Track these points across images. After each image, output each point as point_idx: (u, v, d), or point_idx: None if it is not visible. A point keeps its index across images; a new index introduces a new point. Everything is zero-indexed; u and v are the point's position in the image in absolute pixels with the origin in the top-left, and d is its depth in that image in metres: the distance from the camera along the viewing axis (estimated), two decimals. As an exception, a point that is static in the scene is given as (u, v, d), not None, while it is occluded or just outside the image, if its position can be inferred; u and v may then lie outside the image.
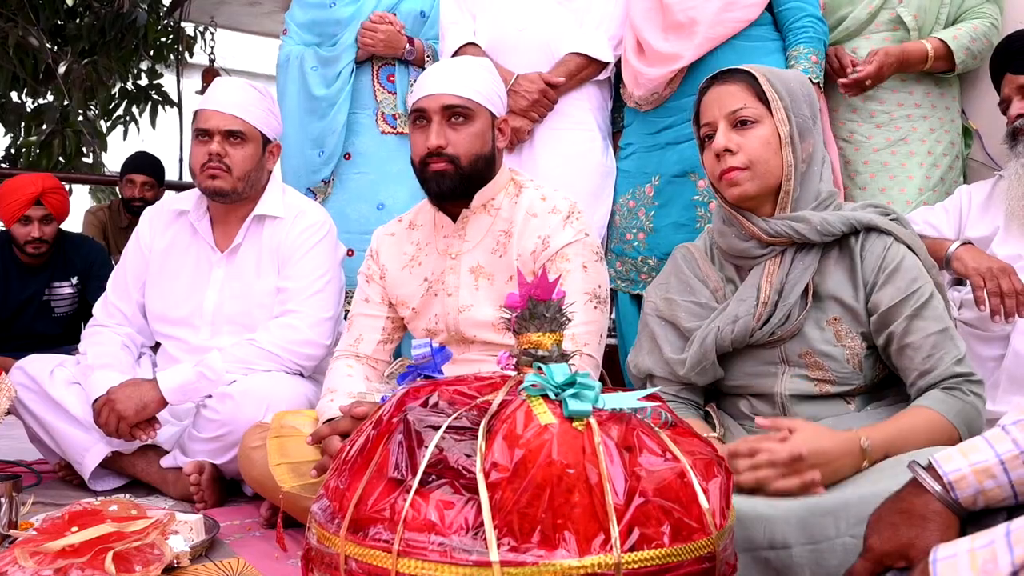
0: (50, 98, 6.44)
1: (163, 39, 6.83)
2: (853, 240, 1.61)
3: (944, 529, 1.03)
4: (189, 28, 7.13)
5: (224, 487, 2.22)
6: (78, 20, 6.29)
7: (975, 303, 2.07)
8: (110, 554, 1.51)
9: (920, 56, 2.43)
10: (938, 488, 1.05)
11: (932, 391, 1.52)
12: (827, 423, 1.58)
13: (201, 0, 6.75)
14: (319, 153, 2.75)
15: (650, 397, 1.15)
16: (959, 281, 2.19)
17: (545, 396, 1.07)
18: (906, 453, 1.37)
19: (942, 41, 2.43)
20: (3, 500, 1.76)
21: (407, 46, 2.73)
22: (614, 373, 2.51)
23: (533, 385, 1.08)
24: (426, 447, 1.01)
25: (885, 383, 1.64)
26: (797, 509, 1.30)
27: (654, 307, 1.77)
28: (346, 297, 2.47)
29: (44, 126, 6.27)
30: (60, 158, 6.13)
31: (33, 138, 6.34)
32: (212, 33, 7.19)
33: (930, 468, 1.07)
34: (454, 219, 2.02)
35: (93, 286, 3.54)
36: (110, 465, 2.34)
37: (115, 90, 6.68)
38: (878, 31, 2.51)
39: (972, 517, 1.04)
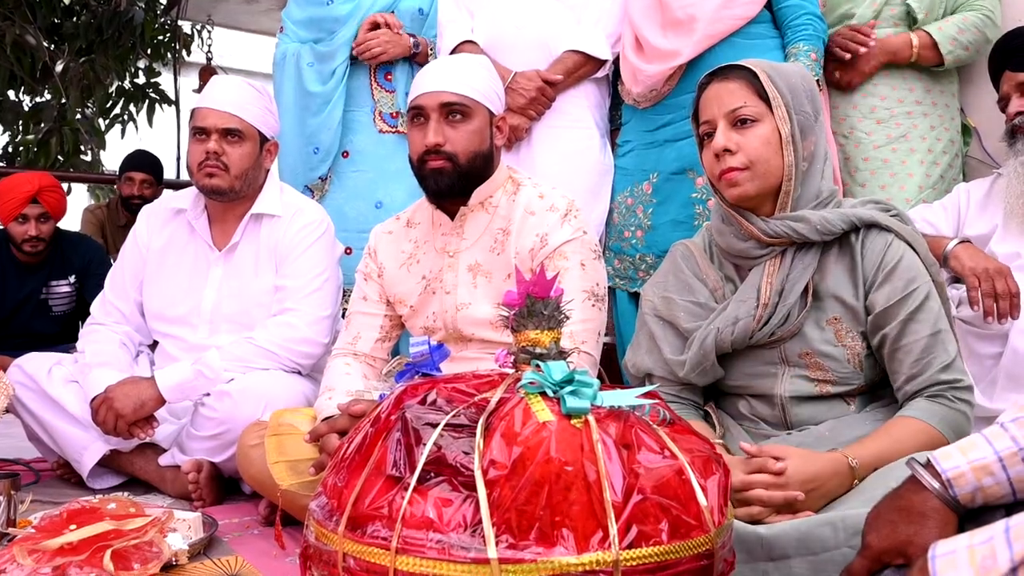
0: (47, 96, 6.42)
1: (160, 37, 6.81)
2: (853, 237, 1.59)
3: (942, 526, 1.02)
4: (186, 26, 7.10)
5: (222, 485, 2.22)
6: (75, 18, 6.27)
7: (969, 303, 2.07)
8: (108, 552, 1.51)
9: (904, 45, 2.43)
10: (936, 485, 1.04)
11: (917, 400, 1.51)
12: (827, 425, 1.58)
13: (198, -2, 6.74)
14: (314, 150, 2.74)
15: (648, 395, 1.14)
16: (957, 279, 2.19)
17: (543, 394, 1.06)
18: (896, 462, 1.37)
19: (927, 32, 2.43)
20: (2, 498, 1.76)
21: (412, 39, 2.72)
22: (612, 371, 2.51)
23: (531, 383, 1.07)
24: (424, 445, 1.01)
25: (885, 383, 1.62)
26: (794, 523, 1.30)
27: (652, 306, 1.75)
28: (344, 295, 2.47)
29: (42, 124, 6.26)
30: (58, 156, 6.12)
31: (31, 136, 6.33)
32: (209, 31, 7.16)
33: (928, 465, 1.06)
34: (452, 217, 2.02)
35: (91, 285, 3.54)
36: (108, 463, 2.34)
37: (112, 88, 6.67)
38: (881, 27, 2.50)
39: (970, 515, 1.04)
